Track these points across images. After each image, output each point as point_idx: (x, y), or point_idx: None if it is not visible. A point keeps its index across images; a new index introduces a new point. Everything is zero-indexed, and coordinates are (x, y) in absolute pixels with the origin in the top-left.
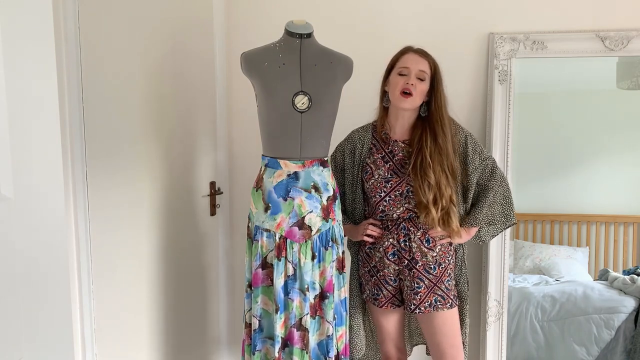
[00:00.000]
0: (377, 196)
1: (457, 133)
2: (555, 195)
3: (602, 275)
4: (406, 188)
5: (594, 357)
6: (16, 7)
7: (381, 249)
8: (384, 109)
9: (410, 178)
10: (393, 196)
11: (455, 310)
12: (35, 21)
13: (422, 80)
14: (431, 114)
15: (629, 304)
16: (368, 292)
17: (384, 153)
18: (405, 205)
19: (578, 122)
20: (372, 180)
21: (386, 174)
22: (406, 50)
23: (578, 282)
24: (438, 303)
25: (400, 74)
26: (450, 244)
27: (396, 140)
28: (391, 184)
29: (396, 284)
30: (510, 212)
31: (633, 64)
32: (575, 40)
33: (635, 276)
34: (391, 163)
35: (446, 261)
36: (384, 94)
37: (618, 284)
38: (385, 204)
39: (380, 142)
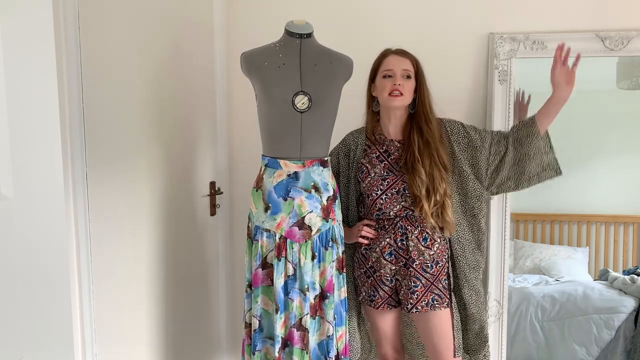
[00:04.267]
0: (374, 194)
1: (453, 125)
2: (555, 195)
3: (602, 275)
4: (402, 186)
5: (594, 357)
6: (16, 7)
7: (378, 249)
8: (373, 113)
9: (406, 176)
10: (390, 194)
11: (449, 310)
12: (35, 21)
13: (408, 77)
14: (416, 110)
15: (629, 304)
16: (364, 293)
17: (378, 152)
18: (402, 203)
19: (578, 122)
20: (369, 179)
21: (382, 172)
22: (386, 53)
23: (578, 282)
24: (435, 302)
25: (385, 76)
26: (447, 243)
27: (392, 140)
28: (388, 181)
29: (392, 284)
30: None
31: (633, 64)
32: (575, 40)
33: (635, 276)
34: (386, 162)
35: (443, 259)
36: (372, 99)
37: (618, 284)
38: (382, 201)
39: (375, 143)
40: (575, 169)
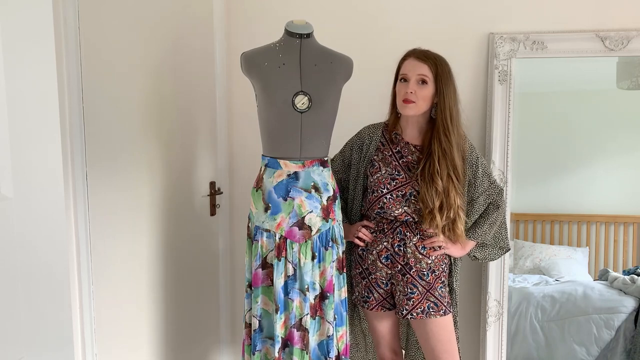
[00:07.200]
0: (379, 191)
1: (471, 152)
2: (555, 195)
3: (602, 275)
4: (409, 191)
5: (594, 357)
6: (16, 7)
7: (374, 252)
8: (396, 114)
9: (415, 182)
10: (395, 195)
11: (449, 317)
12: (35, 21)
13: (424, 83)
14: (436, 117)
15: (629, 304)
16: (357, 294)
17: (391, 152)
18: (405, 207)
19: (578, 122)
20: (378, 175)
21: (393, 172)
22: (407, 56)
23: (578, 282)
24: (431, 310)
25: (402, 80)
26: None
27: (407, 143)
28: (396, 182)
29: (387, 287)
30: (505, 236)
31: (633, 64)
32: (575, 40)
33: (635, 276)
34: (396, 163)
35: (440, 269)
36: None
37: (618, 284)
38: (385, 200)
39: (389, 142)
40: (575, 169)
